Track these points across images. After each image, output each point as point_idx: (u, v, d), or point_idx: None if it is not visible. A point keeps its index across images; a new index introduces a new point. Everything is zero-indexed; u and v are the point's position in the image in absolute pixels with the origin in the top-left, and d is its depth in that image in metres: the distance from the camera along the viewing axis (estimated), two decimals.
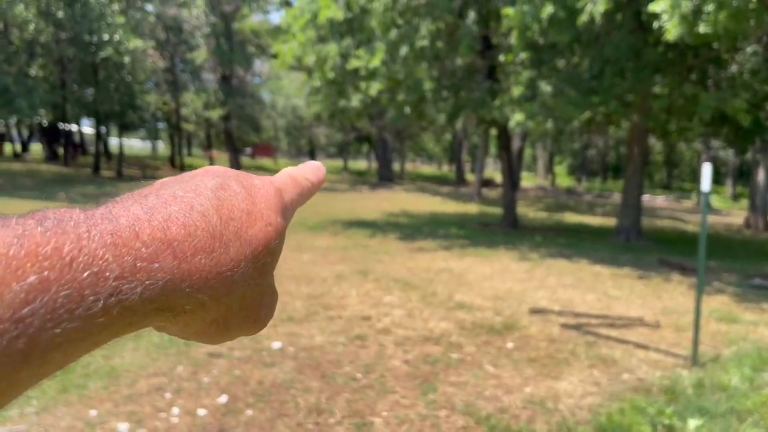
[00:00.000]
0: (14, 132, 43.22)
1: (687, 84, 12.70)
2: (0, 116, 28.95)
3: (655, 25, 9.16)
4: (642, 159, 14.45)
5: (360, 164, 60.51)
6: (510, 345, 5.59)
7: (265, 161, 56.42)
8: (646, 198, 32.09)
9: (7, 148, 41.08)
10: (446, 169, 61.66)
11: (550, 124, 12.64)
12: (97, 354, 4.81)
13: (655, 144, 42.12)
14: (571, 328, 6.32)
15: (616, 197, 34.00)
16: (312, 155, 61.60)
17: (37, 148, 46.61)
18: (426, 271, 9.13)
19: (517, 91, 12.30)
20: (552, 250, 12.36)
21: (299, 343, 5.36)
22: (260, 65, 41.76)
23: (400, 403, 4.19)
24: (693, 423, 3.94)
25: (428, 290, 7.69)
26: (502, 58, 14.94)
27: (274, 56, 31.13)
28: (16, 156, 38.29)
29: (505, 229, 16.00)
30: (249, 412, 3.98)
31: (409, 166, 56.24)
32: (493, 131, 29.50)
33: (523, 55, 13.38)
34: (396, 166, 42.04)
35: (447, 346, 5.44)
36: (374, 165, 48.19)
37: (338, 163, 63.55)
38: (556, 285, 8.65)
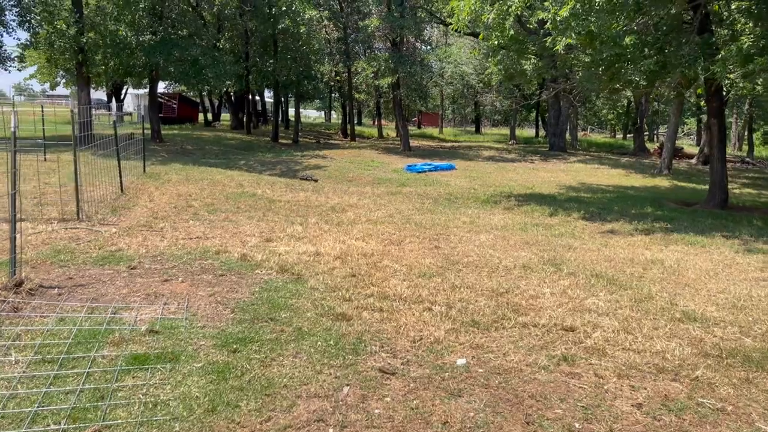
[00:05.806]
0: (207, 102, 47.13)
1: None
2: (190, 86, 31.03)
3: None
4: None
5: (526, 132, 57.46)
6: None
7: (431, 130, 55.73)
8: None
9: (201, 116, 44.82)
10: (620, 137, 56.50)
11: None
12: (255, 359, 4.11)
13: None
14: None
15: None
16: (477, 123, 59.70)
17: (226, 117, 50.29)
18: (630, 264, 7.55)
19: (747, 41, 9.94)
20: None
21: (489, 362, 4.27)
22: (429, 31, 40.63)
23: None
24: None
25: (641, 291, 6.18)
26: (716, 7, 12.46)
27: (445, 21, 29.81)
28: (208, 124, 41.53)
29: (711, 210, 13.56)
30: None
31: (578, 134, 52.21)
32: (687, 94, 25.85)
33: (736, 5, 10.96)
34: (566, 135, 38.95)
35: (691, 383, 4.02)
36: (542, 133, 45.24)
37: (504, 130, 60.98)
38: None
